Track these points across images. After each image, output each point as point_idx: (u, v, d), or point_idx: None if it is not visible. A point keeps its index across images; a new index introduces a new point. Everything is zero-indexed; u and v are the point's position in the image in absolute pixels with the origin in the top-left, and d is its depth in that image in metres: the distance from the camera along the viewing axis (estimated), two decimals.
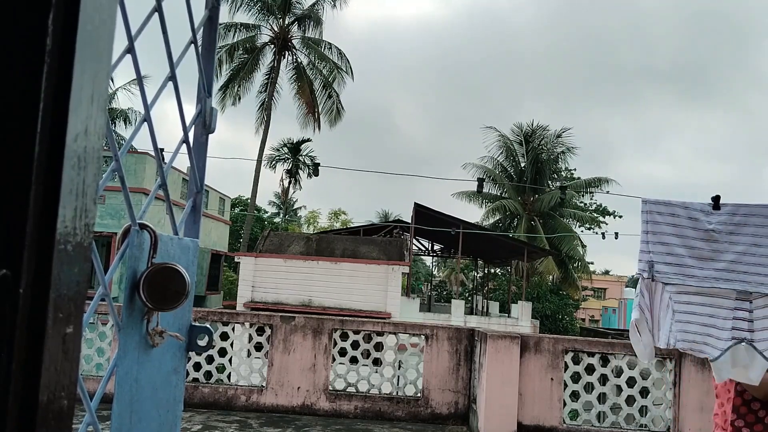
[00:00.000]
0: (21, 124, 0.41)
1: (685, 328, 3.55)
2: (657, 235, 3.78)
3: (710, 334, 3.58)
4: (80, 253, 0.47)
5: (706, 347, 3.57)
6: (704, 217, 3.73)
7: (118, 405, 0.85)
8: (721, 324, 3.54)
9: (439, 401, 7.00)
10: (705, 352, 3.54)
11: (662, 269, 3.70)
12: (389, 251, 20.52)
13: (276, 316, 7.34)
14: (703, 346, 3.56)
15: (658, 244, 3.76)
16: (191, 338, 1.03)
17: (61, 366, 0.45)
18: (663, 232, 3.76)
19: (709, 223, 3.73)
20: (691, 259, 3.69)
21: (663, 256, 3.77)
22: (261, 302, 18.84)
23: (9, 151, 0.41)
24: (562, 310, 29.71)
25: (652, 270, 3.70)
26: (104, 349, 7.36)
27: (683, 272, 3.68)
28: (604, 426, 6.58)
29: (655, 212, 3.80)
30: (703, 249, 3.68)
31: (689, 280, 3.66)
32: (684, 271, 3.68)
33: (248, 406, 7.02)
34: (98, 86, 0.48)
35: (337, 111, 27.66)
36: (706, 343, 3.58)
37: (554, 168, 32.03)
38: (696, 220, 3.76)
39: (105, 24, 0.48)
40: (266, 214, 44.47)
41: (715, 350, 3.57)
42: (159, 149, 0.91)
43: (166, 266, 0.89)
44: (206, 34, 1.09)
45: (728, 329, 3.55)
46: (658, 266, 3.71)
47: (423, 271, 49.65)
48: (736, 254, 3.62)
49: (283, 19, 27.21)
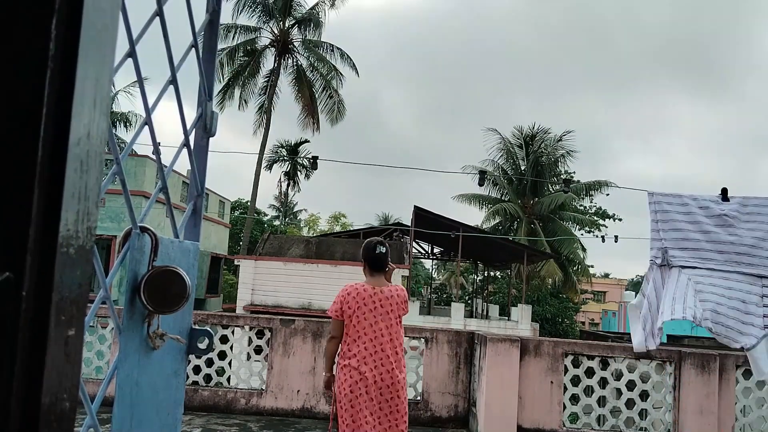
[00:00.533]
0: (24, 127, 0.42)
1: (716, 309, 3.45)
2: (668, 222, 3.74)
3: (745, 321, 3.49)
4: (82, 256, 0.47)
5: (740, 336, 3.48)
6: (715, 205, 3.70)
7: (119, 408, 0.85)
8: (754, 310, 3.46)
9: (439, 404, 7.00)
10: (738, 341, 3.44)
11: (677, 254, 3.65)
12: (389, 254, 20.49)
13: (276, 320, 7.33)
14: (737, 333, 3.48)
15: (671, 230, 3.72)
16: (191, 341, 1.03)
17: (63, 369, 0.45)
18: (675, 219, 3.72)
19: (722, 210, 3.69)
20: (708, 243, 3.64)
21: (677, 242, 3.72)
22: (261, 305, 18.83)
23: (12, 154, 0.41)
24: (562, 314, 29.70)
25: (666, 255, 3.65)
26: (104, 352, 7.35)
27: (701, 256, 3.62)
28: (604, 429, 6.57)
29: (663, 202, 3.76)
30: (720, 233, 3.63)
31: (708, 263, 3.60)
32: (702, 255, 3.62)
33: (248, 409, 7.01)
34: (100, 90, 0.48)
35: (338, 111, 27.68)
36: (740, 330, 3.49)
37: (555, 171, 32.05)
38: (707, 208, 3.72)
39: (107, 28, 0.49)
40: (266, 217, 44.47)
41: (750, 338, 3.47)
42: (159, 152, 0.92)
43: (167, 269, 0.89)
44: (207, 37, 1.09)
45: (761, 316, 3.47)
46: (672, 251, 3.66)
47: (423, 274, 49.63)
48: (756, 239, 3.56)
49: (283, 21, 27.26)
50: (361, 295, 3.66)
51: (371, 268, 3.79)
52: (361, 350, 3.58)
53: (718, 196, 3.78)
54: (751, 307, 3.54)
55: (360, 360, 3.57)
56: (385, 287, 3.75)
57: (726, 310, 3.59)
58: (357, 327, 3.61)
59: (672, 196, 3.82)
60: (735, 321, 3.60)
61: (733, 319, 3.60)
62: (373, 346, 3.59)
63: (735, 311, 3.58)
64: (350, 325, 3.64)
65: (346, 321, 3.65)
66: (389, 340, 3.62)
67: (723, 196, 3.75)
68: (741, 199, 3.73)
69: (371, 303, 3.65)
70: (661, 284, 3.68)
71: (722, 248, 3.66)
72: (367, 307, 3.64)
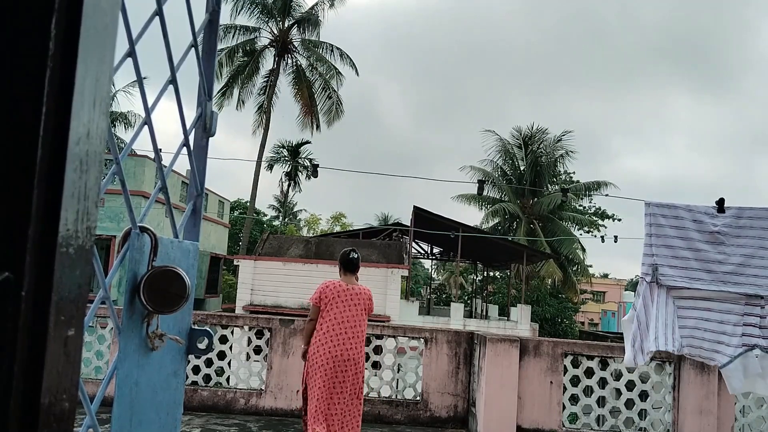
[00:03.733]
0: (24, 127, 0.41)
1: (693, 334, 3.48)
2: (661, 238, 3.72)
3: (720, 341, 3.49)
4: (82, 256, 0.47)
5: (715, 354, 3.49)
6: (709, 219, 3.68)
7: (118, 408, 0.85)
8: (731, 330, 3.45)
9: (439, 405, 7.00)
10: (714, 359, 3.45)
11: (667, 272, 3.64)
12: (388, 254, 20.51)
13: (275, 320, 7.33)
14: (712, 353, 3.49)
15: (663, 247, 3.71)
16: (191, 341, 1.03)
17: (63, 368, 0.45)
18: (667, 235, 3.70)
19: (714, 226, 3.67)
20: (697, 262, 3.63)
21: (668, 259, 3.71)
22: (260, 305, 18.82)
23: (12, 154, 0.41)
24: (562, 314, 29.70)
25: (656, 273, 3.65)
26: (103, 352, 7.34)
27: (689, 275, 3.62)
28: (604, 429, 6.58)
29: (658, 215, 3.75)
30: (709, 252, 3.62)
31: (696, 283, 3.60)
32: (690, 275, 3.62)
33: (247, 409, 7.01)
34: (100, 90, 0.48)
35: (337, 111, 27.68)
36: (715, 350, 3.50)
37: (554, 171, 32.06)
38: (701, 222, 3.70)
39: (107, 28, 0.49)
40: (266, 217, 44.45)
41: (723, 357, 3.48)
42: (159, 152, 0.91)
43: (167, 269, 0.89)
44: (206, 37, 1.09)
45: (738, 335, 3.47)
46: (662, 269, 3.65)
47: (422, 275, 49.63)
48: (744, 257, 3.56)
49: (282, 22, 27.26)
50: (337, 289, 4.61)
51: (345, 270, 4.76)
52: (330, 331, 4.52)
53: (714, 207, 3.76)
54: (728, 327, 3.57)
55: (329, 339, 4.51)
56: (355, 285, 4.69)
57: (701, 333, 3.63)
58: (330, 313, 4.55)
59: (668, 207, 3.81)
60: (710, 342, 3.63)
61: (708, 341, 3.63)
62: (341, 329, 4.53)
63: (710, 333, 3.62)
64: (325, 311, 4.57)
65: (322, 307, 4.58)
66: (353, 326, 4.56)
67: (719, 207, 3.73)
68: (736, 210, 3.72)
69: (344, 296, 4.60)
70: (650, 302, 3.69)
71: (710, 267, 3.67)
72: (339, 299, 4.59)
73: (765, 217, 3.64)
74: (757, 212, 3.64)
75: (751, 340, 3.54)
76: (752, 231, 3.62)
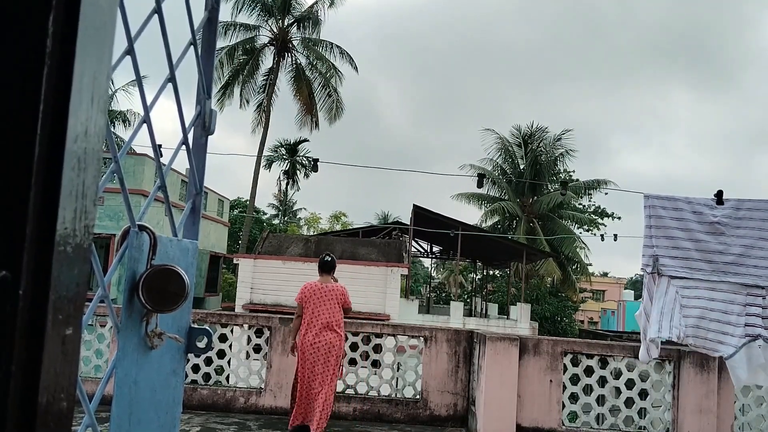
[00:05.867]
0: (21, 125, 0.41)
1: (698, 324, 3.49)
2: (661, 229, 3.73)
3: (725, 331, 3.51)
4: (80, 255, 0.47)
5: (720, 345, 3.51)
6: (708, 210, 3.69)
7: (117, 407, 0.85)
8: (735, 320, 3.47)
9: (438, 403, 7.00)
10: (718, 350, 3.48)
11: (668, 263, 3.65)
12: (388, 253, 20.51)
13: (275, 318, 7.33)
14: (716, 344, 3.50)
15: (663, 238, 3.71)
16: (190, 340, 1.03)
17: (61, 367, 0.45)
18: (667, 226, 3.71)
19: (714, 216, 3.68)
20: (697, 252, 3.64)
21: (668, 250, 3.72)
22: (260, 304, 18.82)
23: (9, 153, 0.41)
24: (561, 312, 29.72)
25: (657, 264, 3.66)
26: (102, 351, 7.34)
27: (690, 266, 3.63)
28: (603, 428, 6.58)
29: (658, 207, 3.75)
30: (709, 242, 3.63)
31: (696, 273, 3.61)
32: (691, 265, 3.63)
33: (247, 408, 7.01)
34: (98, 88, 0.48)
35: (337, 109, 27.65)
36: (720, 341, 3.52)
37: (553, 170, 32.05)
38: (700, 213, 3.71)
39: (105, 26, 0.48)
40: (265, 216, 44.43)
41: (728, 347, 3.50)
42: (159, 149, 0.91)
43: (166, 268, 0.89)
44: (206, 35, 1.09)
45: (741, 325, 3.49)
46: (663, 260, 3.66)
47: (422, 273, 49.63)
48: (744, 247, 3.57)
49: (282, 20, 27.23)
50: (313, 288, 5.47)
51: (321, 270, 5.59)
52: (307, 324, 5.37)
53: (713, 200, 3.77)
54: (732, 318, 3.58)
55: (307, 330, 5.36)
56: (329, 284, 5.51)
57: (707, 323, 3.64)
58: (308, 309, 5.40)
59: (667, 199, 3.81)
60: (715, 333, 3.64)
61: (713, 332, 3.64)
62: (318, 322, 5.35)
63: (716, 323, 3.62)
64: (306, 308, 5.42)
65: (304, 305, 5.41)
66: (327, 318, 5.36)
67: (718, 199, 3.74)
68: (735, 202, 3.72)
69: (319, 293, 5.43)
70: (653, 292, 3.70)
71: (711, 257, 3.67)
72: (315, 296, 5.42)
73: (764, 208, 3.65)
74: (756, 204, 3.65)
75: (755, 330, 3.55)
76: (752, 222, 3.63)
